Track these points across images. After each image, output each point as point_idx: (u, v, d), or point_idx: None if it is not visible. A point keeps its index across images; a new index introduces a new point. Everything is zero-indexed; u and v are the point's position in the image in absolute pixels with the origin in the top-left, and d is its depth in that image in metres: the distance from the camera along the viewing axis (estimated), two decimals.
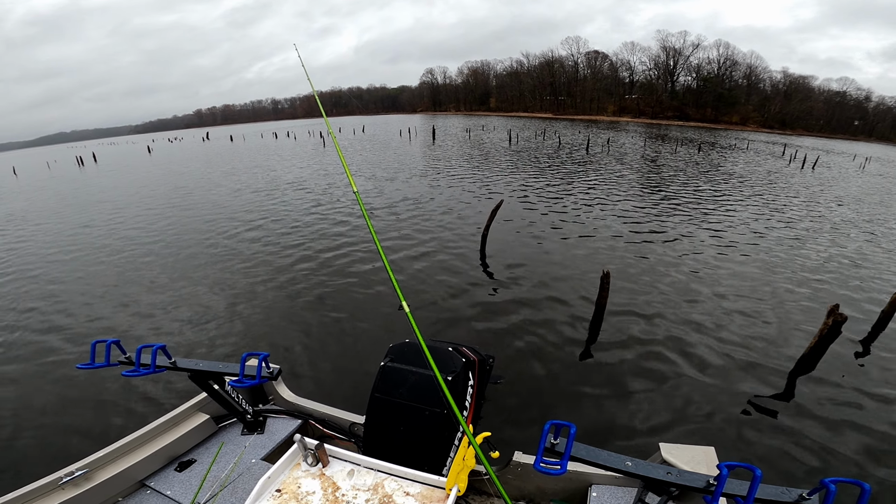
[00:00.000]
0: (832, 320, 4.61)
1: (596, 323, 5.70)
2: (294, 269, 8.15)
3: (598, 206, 12.72)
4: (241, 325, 6.17)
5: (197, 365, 2.39)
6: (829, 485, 1.39)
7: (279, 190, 16.53)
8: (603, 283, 5.44)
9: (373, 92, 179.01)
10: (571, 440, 1.69)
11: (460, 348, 2.50)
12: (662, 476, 1.68)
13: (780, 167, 24.50)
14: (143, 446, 2.38)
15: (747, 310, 6.32)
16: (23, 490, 1.97)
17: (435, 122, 70.08)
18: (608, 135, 45.24)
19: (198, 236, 10.71)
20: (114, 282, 8.00)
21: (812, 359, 4.87)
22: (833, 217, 12.55)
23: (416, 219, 11.40)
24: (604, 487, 2.15)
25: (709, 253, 8.80)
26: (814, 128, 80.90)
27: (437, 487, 1.86)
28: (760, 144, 44.04)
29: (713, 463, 2.01)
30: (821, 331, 4.74)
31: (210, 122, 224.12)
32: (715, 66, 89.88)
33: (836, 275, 7.85)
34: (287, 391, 2.94)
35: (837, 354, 5.11)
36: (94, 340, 2.30)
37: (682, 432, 4.01)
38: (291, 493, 1.85)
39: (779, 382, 4.74)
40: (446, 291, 6.99)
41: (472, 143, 34.83)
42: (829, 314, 4.64)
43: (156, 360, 2.30)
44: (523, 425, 4.03)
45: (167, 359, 2.35)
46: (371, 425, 2.39)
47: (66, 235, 11.71)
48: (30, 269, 9.12)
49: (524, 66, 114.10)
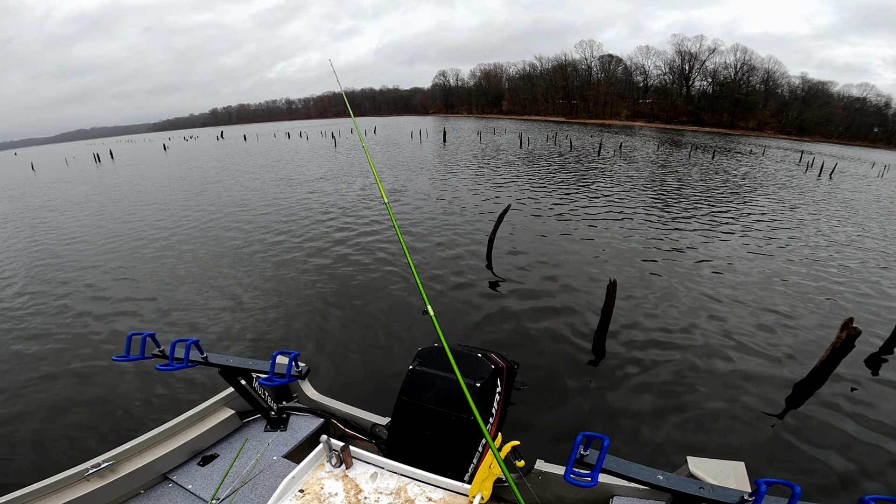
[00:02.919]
0: (846, 334, 4.51)
1: (601, 331, 5.64)
2: (319, 267, 8.33)
3: (608, 211, 12.64)
4: (264, 321, 6.33)
5: (228, 361, 2.42)
6: (870, 502, 1.35)
7: (302, 189, 16.74)
8: (609, 292, 5.38)
9: (385, 93, 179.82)
10: (604, 452, 1.66)
11: (489, 354, 2.48)
12: (695, 491, 1.64)
13: (796, 174, 24.06)
14: (169, 440, 2.40)
15: (765, 321, 6.23)
16: (50, 480, 2.01)
17: (446, 124, 70.18)
18: (620, 139, 44.89)
19: (223, 233, 10.97)
20: (143, 275, 8.31)
21: (823, 372, 4.77)
22: (848, 229, 12.30)
23: (425, 221, 11.45)
24: (626, 500, 2.09)
25: (724, 261, 8.69)
26: (832, 134, 79.20)
27: (460, 494, 1.84)
28: (777, 151, 43.29)
29: (743, 478, 1.95)
30: (833, 344, 4.64)
31: (225, 121, 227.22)
32: (732, 70, 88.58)
33: (851, 288, 7.69)
34: (311, 389, 2.95)
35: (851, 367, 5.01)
36: (130, 333, 2.35)
37: (684, 442, 3.96)
38: (314, 493, 1.84)
39: (790, 394, 4.67)
40: (450, 295, 7.01)
41: (482, 145, 34.81)
42: (842, 328, 4.55)
43: (189, 354, 2.33)
44: (535, 431, 4.02)
45: (199, 353, 2.38)
46: (396, 428, 2.38)
47: (87, 227, 12.00)
48: (50, 260, 9.38)
49: (537, 70, 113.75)
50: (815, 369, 4.80)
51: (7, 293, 7.82)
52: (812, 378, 4.80)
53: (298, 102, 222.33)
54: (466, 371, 2.28)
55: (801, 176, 23.66)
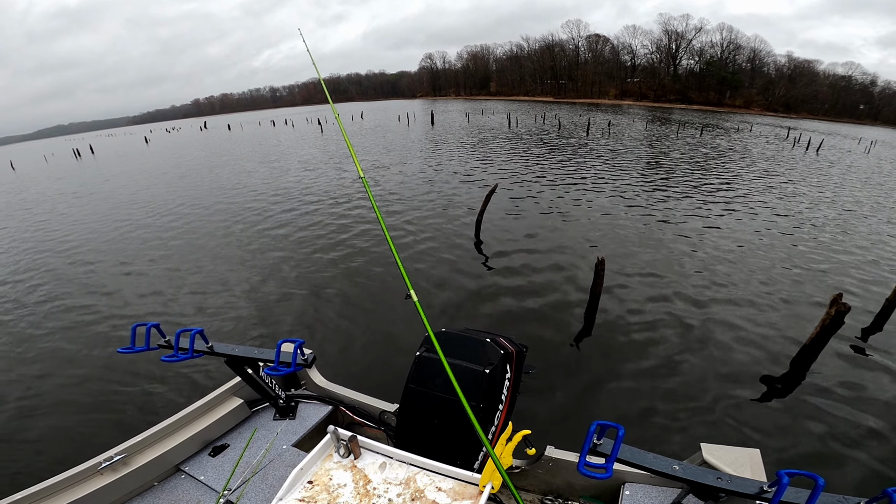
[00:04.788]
0: (835, 310, 4.46)
1: (591, 310, 5.58)
2: (320, 253, 8.30)
3: (596, 187, 12.50)
4: (266, 307, 6.35)
5: (233, 350, 2.39)
6: (893, 494, 1.29)
7: (289, 173, 16.59)
8: (598, 271, 5.30)
9: (372, 78, 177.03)
10: (619, 442, 1.61)
11: (497, 339, 2.36)
12: (712, 482, 1.60)
13: (784, 149, 24.12)
14: (179, 431, 2.39)
15: (754, 297, 6.20)
16: (62, 476, 2.00)
17: (434, 107, 69.38)
18: (609, 117, 44.69)
19: (219, 223, 10.84)
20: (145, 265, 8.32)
21: (814, 350, 4.74)
22: (840, 200, 12.34)
23: (410, 203, 11.28)
24: (637, 486, 2.06)
25: (712, 235, 8.64)
26: (818, 111, 79.76)
27: (470, 483, 1.80)
28: (765, 128, 43.44)
29: (758, 465, 1.92)
30: (823, 320, 4.59)
31: (208, 112, 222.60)
32: (718, 49, 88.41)
33: (839, 262, 7.69)
34: (319, 376, 2.91)
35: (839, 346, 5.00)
36: (134, 324, 2.28)
37: (674, 423, 3.91)
38: (323, 484, 1.82)
39: (782, 372, 4.64)
40: (438, 277, 6.94)
41: (470, 126, 34.48)
42: (831, 304, 4.50)
43: (194, 344, 2.31)
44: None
45: (204, 343, 2.35)
46: (404, 416, 2.34)
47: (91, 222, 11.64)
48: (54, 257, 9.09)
49: (524, 51, 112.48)
50: (805, 346, 4.78)
51: (11, 288, 7.74)
52: (802, 355, 4.78)
53: (283, 90, 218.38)
54: (473, 357, 2.20)
55: (789, 151, 23.72)
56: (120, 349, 2.29)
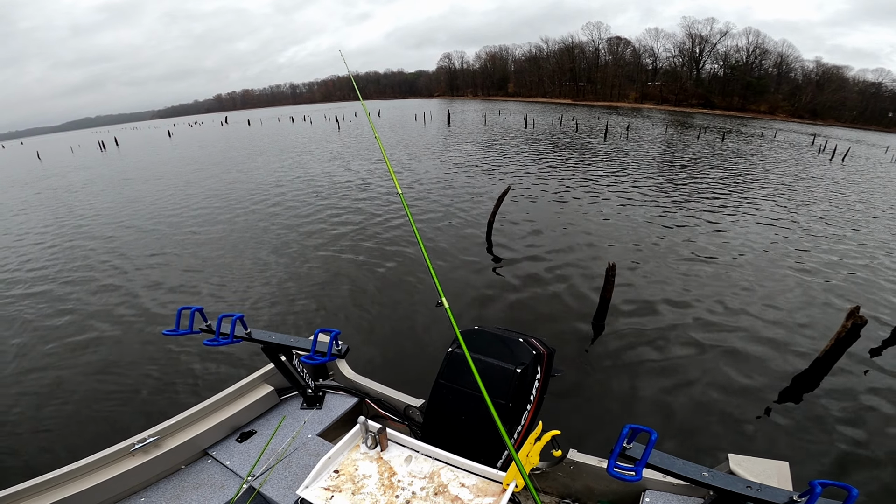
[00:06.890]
0: (851, 322, 4.39)
1: (600, 315, 5.58)
2: (354, 248, 8.52)
3: (616, 194, 12.39)
4: (298, 299, 6.55)
5: (270, 337, 2.45)
6: None
7: (327, 174, 16.70)
8: (608, 276, 5.29)
9: (390, 76, 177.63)
10: (651, 446, 1.60)
11: (530, 339, 2.38)
12: (741, 489, 1.58)
13: (810, 158, 23.52)
14: (209, 416, 2.44)
15: (769, 307, 6.11)
16: (98, 455, 2.08)
17: (451, 107, 69.29)
18: (629, 121, 44.11)
19: (259, 217, 11.15)
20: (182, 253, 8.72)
21: (827, 362, 4.66)
22: (863, 210, 12.01)
23: (423, 203, 11.39)
24: (658, 494, 2.01)
25: (726, 245, 8.52)
26: (846, 118, 77.41)
27: (493, 481, 1.81)
28: (791, 135, 42.38)
29: (786, 478, 1.88)
30: (838, 333, 4.52)
31: (230, 107, 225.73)
32: (744, 54, 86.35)
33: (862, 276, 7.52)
34: (347, 368, 2.95)
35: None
36: (179, 308, 2.37)
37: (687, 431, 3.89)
38: (349, 474, 1.85)
39: (788, 385, 4.58)
40: (449, 276, 7.03)
41: (487, 127, 34.42)
42: (848, 316, 4.43)
43: (234, 329, 2.36)
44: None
45: (244, 329, 2.41)
46: (432, 411, 2.36)
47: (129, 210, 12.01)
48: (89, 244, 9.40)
49: (543, 52, 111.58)
50: (818, 359, 4.70)
51: (49, 271, 8.21)
52: (815, 368, 4.70)
53: (303, 87, 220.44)
54: (506, 356, 2.24)
55: (816, 158, 23.13)
56: (165, 331, 2.40)
